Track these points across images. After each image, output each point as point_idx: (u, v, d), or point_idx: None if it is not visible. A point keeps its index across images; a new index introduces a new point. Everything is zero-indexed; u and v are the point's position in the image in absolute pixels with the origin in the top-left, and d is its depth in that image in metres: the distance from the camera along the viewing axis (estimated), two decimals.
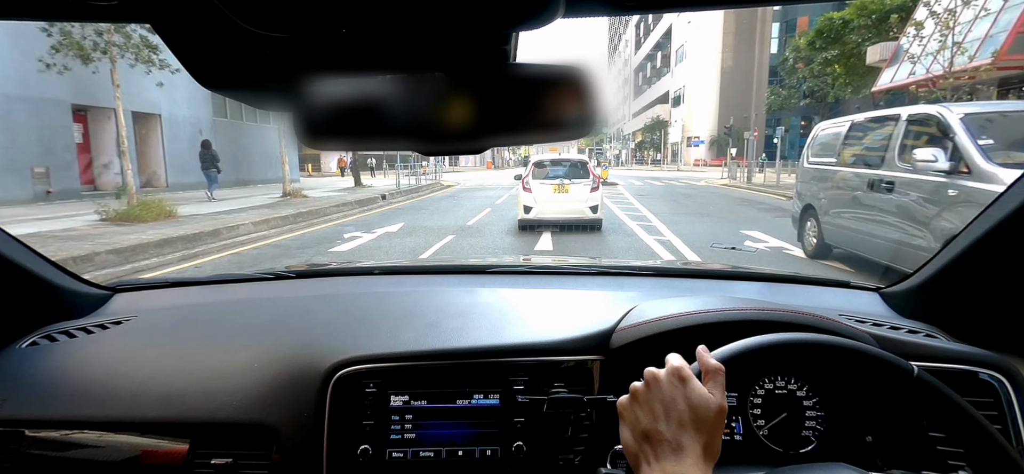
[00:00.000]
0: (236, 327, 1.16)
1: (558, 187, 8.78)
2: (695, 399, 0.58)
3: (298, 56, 0.50)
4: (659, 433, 0.57)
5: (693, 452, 0.56)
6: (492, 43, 0.50)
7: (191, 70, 0.51)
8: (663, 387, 0.60)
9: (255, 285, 1.44)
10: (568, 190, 8.75)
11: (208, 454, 0.91)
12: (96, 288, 1.32)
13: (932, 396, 0.64)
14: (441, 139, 0.52)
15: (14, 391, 0.97)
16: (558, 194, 8.75)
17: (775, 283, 1.42)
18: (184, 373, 1.00)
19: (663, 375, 0.61)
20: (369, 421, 0.93)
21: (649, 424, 0.58)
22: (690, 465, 0.55)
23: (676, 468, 0.55)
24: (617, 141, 78.41)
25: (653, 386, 0.60)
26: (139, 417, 0.93)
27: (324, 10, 0.41)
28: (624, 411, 0.63)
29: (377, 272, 1.52)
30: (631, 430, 0.61)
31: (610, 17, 0.55)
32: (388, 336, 1.02)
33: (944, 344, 0.98)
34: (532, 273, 1.51)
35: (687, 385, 0.59)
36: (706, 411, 0.57)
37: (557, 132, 0.51)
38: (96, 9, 0.46)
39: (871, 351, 0.67)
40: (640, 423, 0.60)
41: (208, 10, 0.39)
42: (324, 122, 0.50)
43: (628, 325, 0.99)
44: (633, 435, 0.60)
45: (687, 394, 0.58)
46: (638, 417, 0.60)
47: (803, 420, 0.95)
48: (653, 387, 0.60)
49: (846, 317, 1.03)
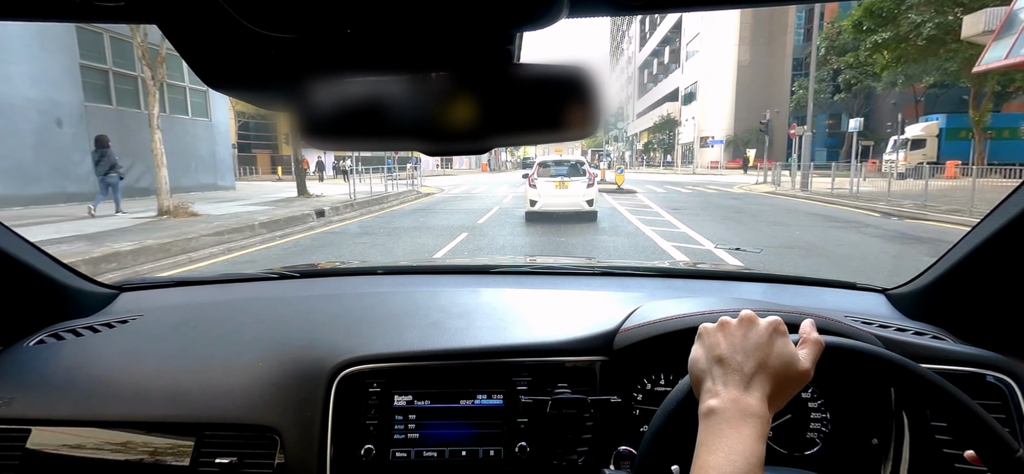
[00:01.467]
0: (241, 326, 1.16)
1: (559, 184, 10.60)
2: (785, 354, 0.57)
3: (303, 56, 0.51)
4: (736, 362, 0.57)
5: (761, 390, 0.55)
6: (496, 43, 0.50)
7: (197, 70, 0.51)
8: (758, 329, 0.59)
9: (259, 285, 1.45)
10: (567, 186, 10.58)
11: (213, 453, 0.91)
12: (102, 287, 1.33)
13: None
14: (445, 139, 0.51)
15: (21, 389, 0.98)
16: (559, 190, 10.58)
17: (780, 284, 1.40)
18: (189, 372, 1.00)
19: (761, 322, 0.60)
20: (373, 421, 0.93)
21: (728, 352, 0.58)
22: (757, 400, 0.54)
23: (741, 396, 0.55)
24: (620, 142, 74.99)
25: (749, 326, 0.60)
26: (145, 416, 0.94)
27: (329, 10, 0.41)
28: (705, 333, 0.62)
29: (380, 272, 1.52)
30: (706, 352, 0.60)
31: (614, 17, 0.57)
32: (392, 336, 1.02)
33: (951, 346, 0.96)
34: (535, 273, 1.50)
35: (784, 339, 0.59)
36: (790, 367, 0.57)
37: (561, 132, 0.51)
38: (102, 9, 0.46)
39: (983, 416, 0.59)
40: (719, 347, 0.59)
41: (214, 10, 0.40)
42: (329, 122, 0.50)
43: (632, 326, 0.98)
44: (707, 356, 0.60)
45: (779, 346, 0.58)
46: (719, 341, 0.60)
47: (808, 422, 0.95)
48: (748, 327, 0.60)
49: (852, 318, 1.03)
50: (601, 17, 0.49)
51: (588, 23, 15.76)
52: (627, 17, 13.02)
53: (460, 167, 53.65)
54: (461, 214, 12.04)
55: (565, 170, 10.94)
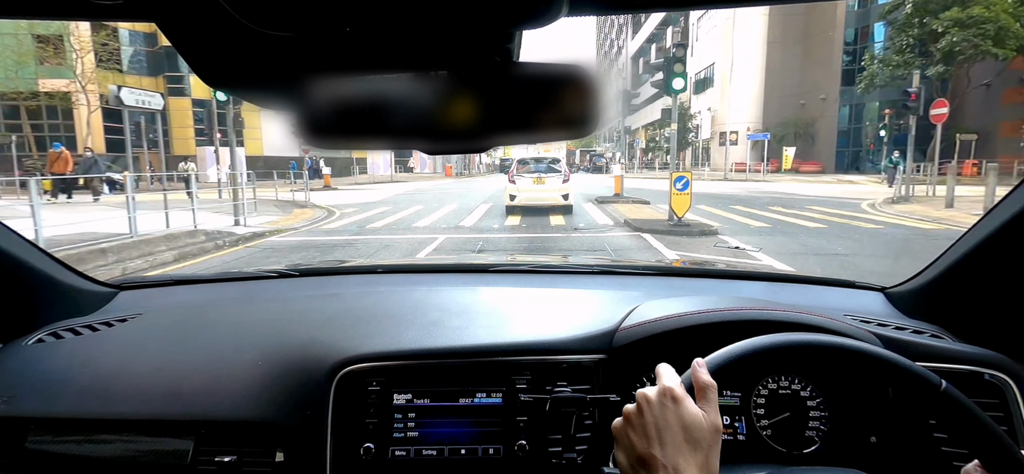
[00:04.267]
0: (240, 325, 1.16)
1: (537, 179, 11.64)
2: (688, 419, 0.58)
3: (302, 55, 0.50)
4: (654, 459, 0.57)
5: (693, 470, 0.56)
6: (496, 42, 0.50)
7: (196, 68, 0.51)
8: (655, 409, 0.59)
9: (259, 283, 1.44)
10: (544, 182, 11.62)
11: (213, 451, 0.91)
12: (101, 286, 1.32)
13: (958, 412, 0.62)
14: (444, 138, 0.51)
15: (20, 388, 0.98)
16: (536, 185, 11.61)
17: (779, 283, 1.40)
18: (188, 371, 1.00)
19: (654, 397, 0.60)
20: (372, 419, 0.93)
21: (644, 449, 0.58)
22: None
23: None
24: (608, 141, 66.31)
25: (645, 409, 0.60)
26: (144, 415, 0.93)
27: (328, 9, 0.41)
28: (619, 435, 0.63)
29: (380, 270, 1.51)
30: (626, 455, 0.61)
31: (612, 14, 0.58)
32: (391, 334, 1.02)
33: (949, 345, 0.96)
34: (535, 272, 1.49)
35: (680, 405, 0.59)
36: (700, 432, 0.57)
37: (561, 131, 0.51)
38: (101, 8, 0.46)
39: (899, 361, 0.65)
40: (635, 448, 0.59)
41: (213, 9, 0.40)
42: (328, 121, 0.50)
43: (631, 324, 0.98)
44: (628, 460, 0.60)
45: (680, 414, 0.58)
46: (633, 442, 0.60)
47: (807, 420, 0.95)
48: (645, 410, 0.60)
49: (851, 317, 1.03)
50: (601, 14, 0.49)
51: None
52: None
53: (423, 170, 43.97)
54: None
55: (543, 167, 11.86)
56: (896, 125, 24.06)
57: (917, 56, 22.54)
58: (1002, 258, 0.93)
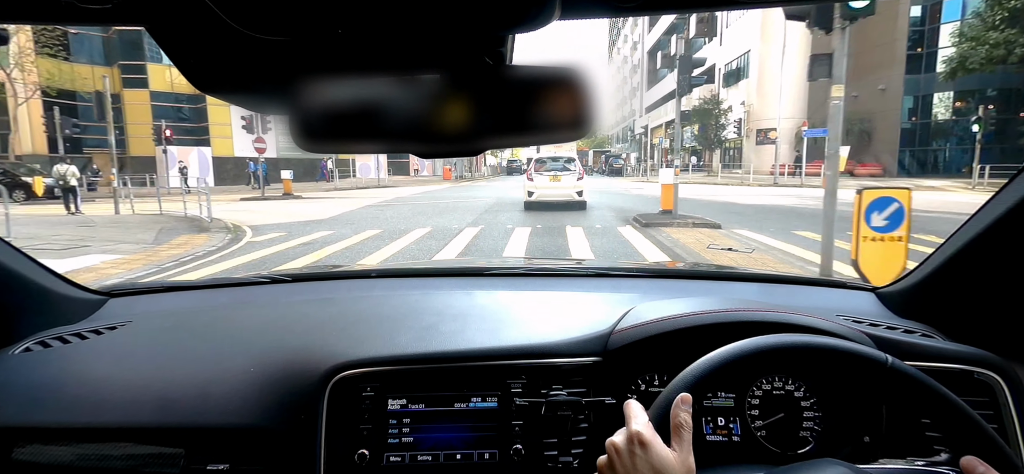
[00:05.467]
0: (231, 331, 1.14)
1: (553, 177, 12.52)
2: (657, 464, 0.58)
3: (294, 58, 0.50)
4: None
5: None
6: (488, 45, 0.50)
7: (186, 73, 0.51)
8: (624, 459, 0.59)
9: (250, 289, 1.42)
10: (560, 179, 12.48)
11: (204, 459, 0.90)
12: (90, 293, 1.31)
13: (908, 384, 0.64)
14: (437, 141, 0.51)
15: (7, 398, 0.96)
16: (553, 182, 12.50)
17: (772, 284, 1.40)
18: (179, 378, 0.99)
19: (623, 444, 0.60)
20: (367, 425, 0.92)
21: None
22: None
23: None
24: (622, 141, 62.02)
25: (615, 460, 0.60)
26: (134, 423, 0.92)
27: (320, 12, 0.41)
28: None
29: (374, 275, 1.50)
30: None
31: (607, 18, 0.55)
32: (385, 339, 1.01)
33: (940, 344, 0.97)
34: (529, 275, 1.49)
35: (648, 450, 0.59)
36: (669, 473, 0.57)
37: (554, 133, 0.51)
38: (90, 12, 0.46)
39: (841, 346, 0.66)
40: None
41: (203, 13, 0.39)
42: (321, 125, 0.50)
43: (626, 327, 0.99)
44: None
45: (649, 460, 0.58)
46: None
47: (801, 420, 0.95)
48: (615, 461, 0.60)
49: (843, 317, 1.03)
50: (594, 18, 0.49)
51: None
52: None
53: (423, 172, 39.87)
54: None
55: (559, 165, 12.67)
56: (992, 119, 19.59)
57: (1022, 32, 18.01)
58: (990, 257, 0.95)
